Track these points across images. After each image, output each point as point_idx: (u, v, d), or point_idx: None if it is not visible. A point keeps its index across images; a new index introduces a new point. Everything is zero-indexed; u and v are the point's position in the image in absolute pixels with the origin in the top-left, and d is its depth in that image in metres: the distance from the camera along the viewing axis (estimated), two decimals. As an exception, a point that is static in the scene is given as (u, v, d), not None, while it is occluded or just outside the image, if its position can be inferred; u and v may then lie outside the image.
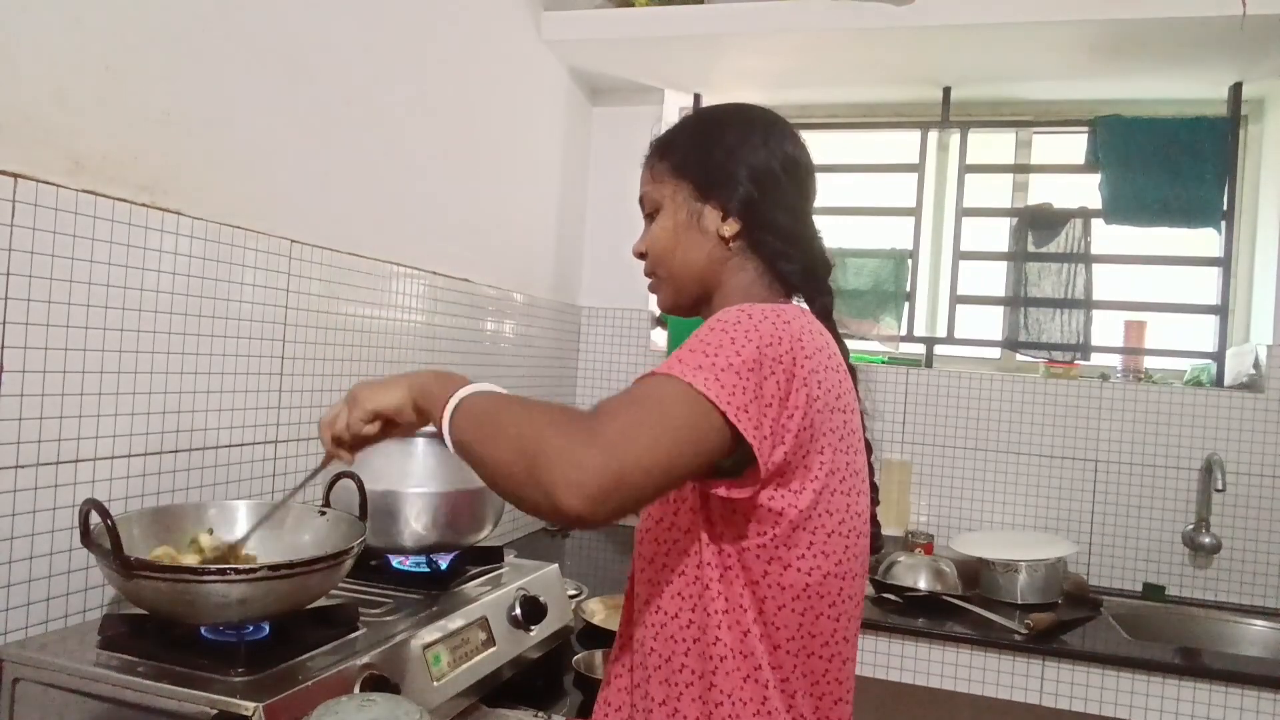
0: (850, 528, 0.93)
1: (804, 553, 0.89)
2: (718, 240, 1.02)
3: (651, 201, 1.06)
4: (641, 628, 0.97)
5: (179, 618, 0.99)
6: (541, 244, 2.59)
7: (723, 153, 1.02)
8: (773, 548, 0.88)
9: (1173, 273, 2.58)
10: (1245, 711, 1.75)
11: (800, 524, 0.88)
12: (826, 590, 0.91)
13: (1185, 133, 2.46)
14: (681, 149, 1.04)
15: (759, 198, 1.01)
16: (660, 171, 1.04)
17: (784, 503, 0.87)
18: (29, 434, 1.09)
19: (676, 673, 0.93)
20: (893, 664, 1.94)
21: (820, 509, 0.89)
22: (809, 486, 0.88)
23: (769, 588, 0.89)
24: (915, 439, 2.56)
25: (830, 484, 0.90)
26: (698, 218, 1.02)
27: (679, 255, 1.03)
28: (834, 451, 0.90)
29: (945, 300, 2.66)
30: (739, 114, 1.06)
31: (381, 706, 0.84)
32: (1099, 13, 2.06)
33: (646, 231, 1.07)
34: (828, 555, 0.90)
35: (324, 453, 1.01)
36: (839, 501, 0.91)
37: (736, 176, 1.01)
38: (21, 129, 1.07)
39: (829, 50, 2.40)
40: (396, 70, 1.81)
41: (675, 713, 0.92)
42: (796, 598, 0.89)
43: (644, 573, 0.98)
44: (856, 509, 0.94)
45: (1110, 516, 2.41)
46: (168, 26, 1.26)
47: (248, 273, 1.42)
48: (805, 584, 0.89)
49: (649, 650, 0.95)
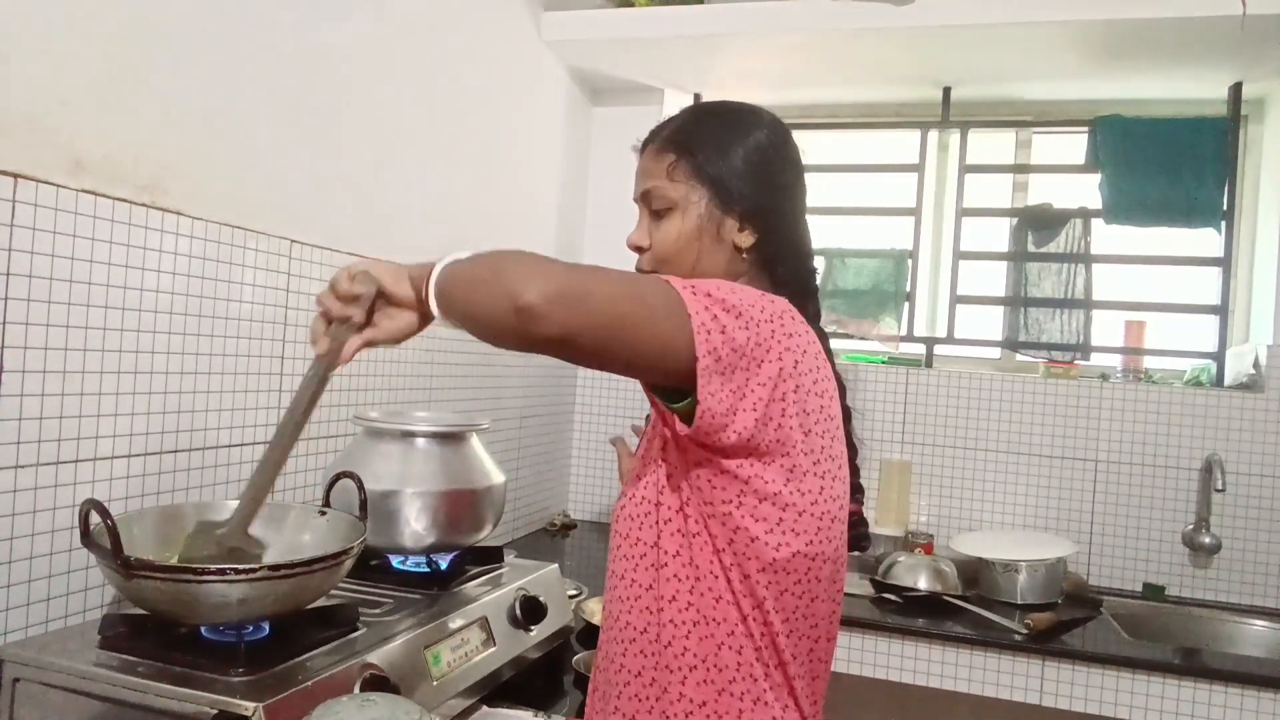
0: (823, 510, 0.92)
1: (771, 527, 0.90)
2: (733, 250, 1.02)
3: (664, 199, 1.02)
4: (615, 603, 1.00)
5: (179, 618, 0.99)
6: (541, 244, 2.59)
7: (742, 160, 1.01)
8: (739, 516, 0.89)
9: (1173, 273, 2.58)
10: (1245, 711, 1.75)
11: (767, 496, 0.89)
12: (794, 567, 0.91)
13: (1185, 133, 2.46)
14: (702, 151, 1.01)
15: (773, 207, 1.02)
16: (678, 171, 1.01)
17: (749, 472, 0.88)
18: (29, 434, 1.09)
19: (649, 644, 0.95)
20: (893, 664, 1.94)
21: (791, 487, 0.90)
22: (778, 462, 0.89)
23: (735, 555, 0.91)
24: (915, 439, 2.56)
25: (802, 464, 0.90)
26: (718, 226, 1.01)
27: (694, 261, 1.01)
28: (806, 433, 0.90)
29: (945, 300, 2.66)
30: (750, 115, 1.05)
31: (381, 706, 0.84)
32: (1099, 13, 2.06)
33: (651, 226, 1.04)
34: (797, 534, 0.91)
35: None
36: (811, 483, 0.91)
37: (755, 186, 1.00)
38: (21, 129, 1.07)
39: (829, 50, 2.40)
40: (397, 70, 1.81)
41: (651, 682, 0.94)
42: (763, 570, 0.90)
43: (618, 549, 1.01)
44: (831, 493, 0.94)
45: (1110, 516, 2.41)
46: (168, 26, 1.26)
47: (248, 273, 1.42)
48: (773, 558, 0.90)
49: (623, 625, 0.97)
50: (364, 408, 1.74)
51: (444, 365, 2.04)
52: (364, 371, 1.74)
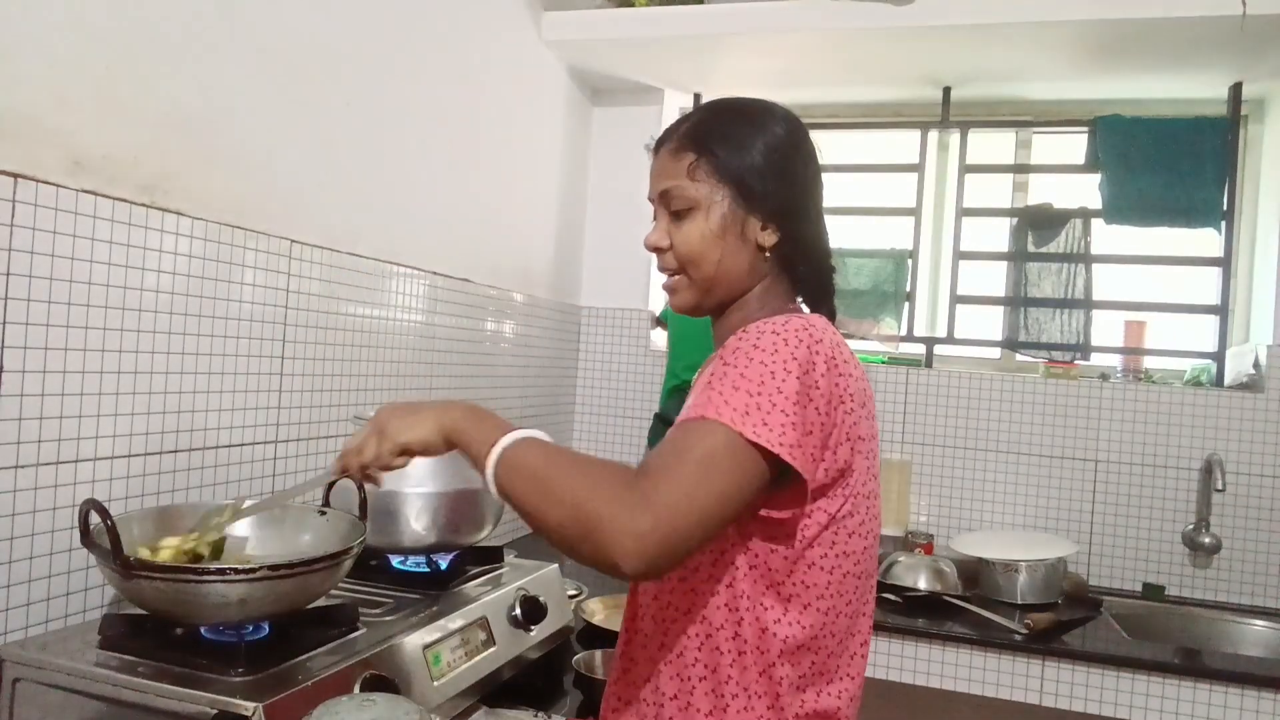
0: (869, 529, 0.96)
1: (826, 552, 0.91)
2: (756, 250, 1.00)
3: (686, 199, 0.99)
4: (649, 622, 0.98)
5: (179, 618, 0.99)
6: (541, 244, 2.59)
7: (764, 157, 0.99)
8: (801, 549, 0.90)
9: (1173, 273, 2.58)
10: (1245, 711, 1.75)
11: (828, 525, 0.91)
12: (845, 589, 0.93)
13: (1185, 133, 2.46)
14: (723, 149, 0.99)
15: (795, 205, 1.01)
16: (699, 170, 0.99)
17: (816, 508, 0.90)
18: (29, 434, 1.09)
19: (687, 667, 0.94)
20: (893, 664, 1.94)
21: (845, 510, 0.92)
22: (840, 493, 0.91)
23: (794, 587, 0.91)
24: (915, 439, 2.56)
25: (856, 488, 0.92)
26: (741, 225, 0.99)
27: (719, 261, 0.99)
28: (860, 457, 0.93)
29: (945, 300, 2.66)
30: (771, 113, 1.04)
31: (381, 706, 0.84)
32: (1099, 13, 2.06)
33: (671, 227, 1.01)
34: (848, 555, 0.93)
35: (338, 467, 0.98)
36: (862, 504, 0.94)
37: (779, 185, 0.99)
38: (21, 129, 1.07)
39: (829, 50, 2.40)
40: (397, 70, 1.81)
41: (688, 706, 0.93)
42: (820, 596, 0.92)
43: None
44: (874, 510, 0.97)
45: (1110, 516, 2.41)
46: (168, 26, 1.26)
47: (248, 273, 1.42)
48: (827, 582, 0.92)
49: (659, 645, 0.96)
50: (364, 408, 1.74)
51: (444, 365, 2.04)
52: (364, 372, 1.74)
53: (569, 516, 0.78)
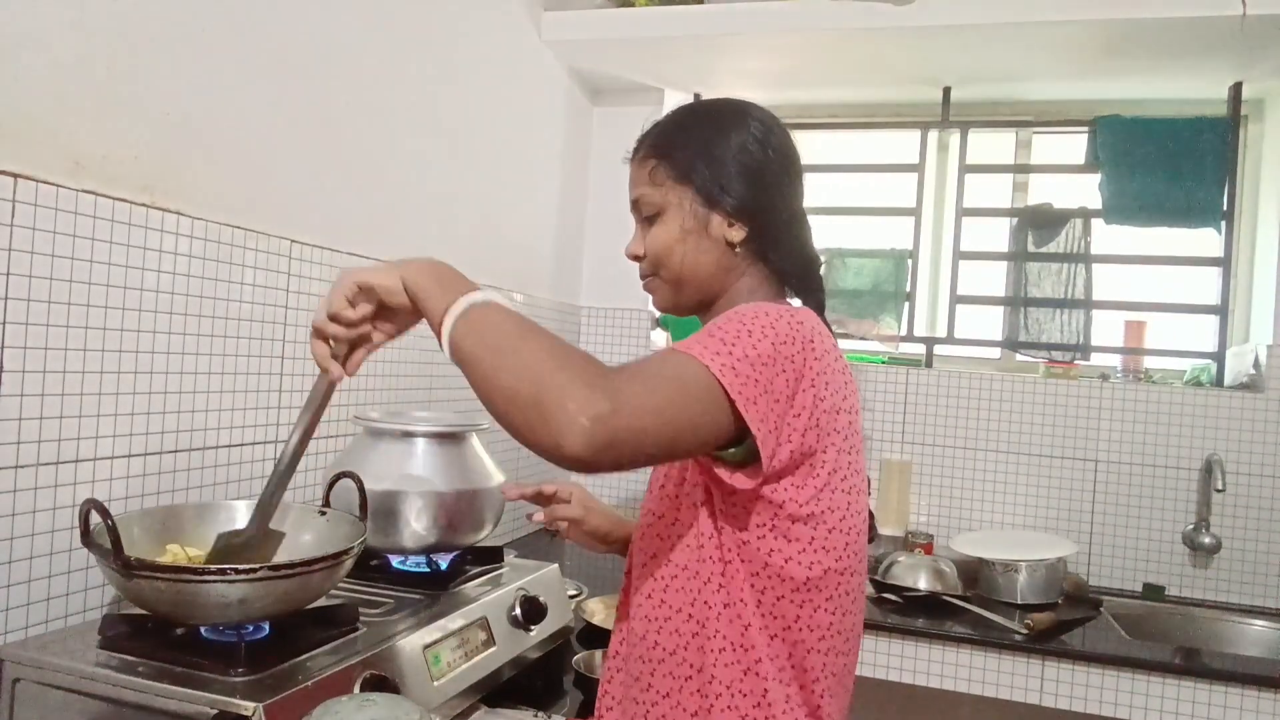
0: (850, 525, 0.95)
1: (804, 547, 0.91)
2: (725, 246, 1.02)
3: (652, 205, 1.03)
4: (642, 622, 0.99)
5: (179, 618, 0.99)
6: (541, 244, 2.59)
7: (725, 156, 1.01)
8: (772, 539, 0.90)
9: (1173, 273, 2.57)
10: (1245, 711, 1.75)
11: (800, 518, 0.90)
12: (826, 584, 0.93)
13: (1185, 133, 2.46)
14: (681, 152, 1.02)
15: (763, 201, 1.02)
16: (661, 175, 1.03)
17: (784, 495, 0.89)
18: (29, 434, 1.09)
19: (677, 666, 0.94)
20: (893, 664, 1.94)
21: (822, 506, 0.91)
22: (810, 483, 0.90)
23: (769, 579, 0.91)
24: (915, 439, 2.56)
25: (832, 482, 0.92)
26: (705, 224, 1.01)
27: (685, 259, 1.02)
28: (837, 451, 0.92)
29: (945, 300, 2.66)
30: (734, 112, 1.05)
31: (381, 706, 0.84)
32: (1099, 13, 2.06)
33: (644, 234, 1.05)
34: (828, 551, 0.92)
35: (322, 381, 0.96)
36: (840, 499, 0.93)
37: (741, 181, 1.00)
38: (21, 129, 1.07)
39: (829, 50, 2.40)
40: (396, 70, 1.81)
41: (676, 705, 0.94)
42: (796, 590, 0.91)
43: (645, 568, 1.00)
44: (856, 507, 0.96)
45: (1110, 516, 2.41)
46: (167, 26, 1.26)
47: (248, 273, 1.42)
48: (805, 577, 0.91)
49: (651, 644, 0.97)
50: (364, 408, 1.74)
51: (444, 365, 2.03)
52: (364, 372, 1.74)
53: (525, 378, 0.75)
